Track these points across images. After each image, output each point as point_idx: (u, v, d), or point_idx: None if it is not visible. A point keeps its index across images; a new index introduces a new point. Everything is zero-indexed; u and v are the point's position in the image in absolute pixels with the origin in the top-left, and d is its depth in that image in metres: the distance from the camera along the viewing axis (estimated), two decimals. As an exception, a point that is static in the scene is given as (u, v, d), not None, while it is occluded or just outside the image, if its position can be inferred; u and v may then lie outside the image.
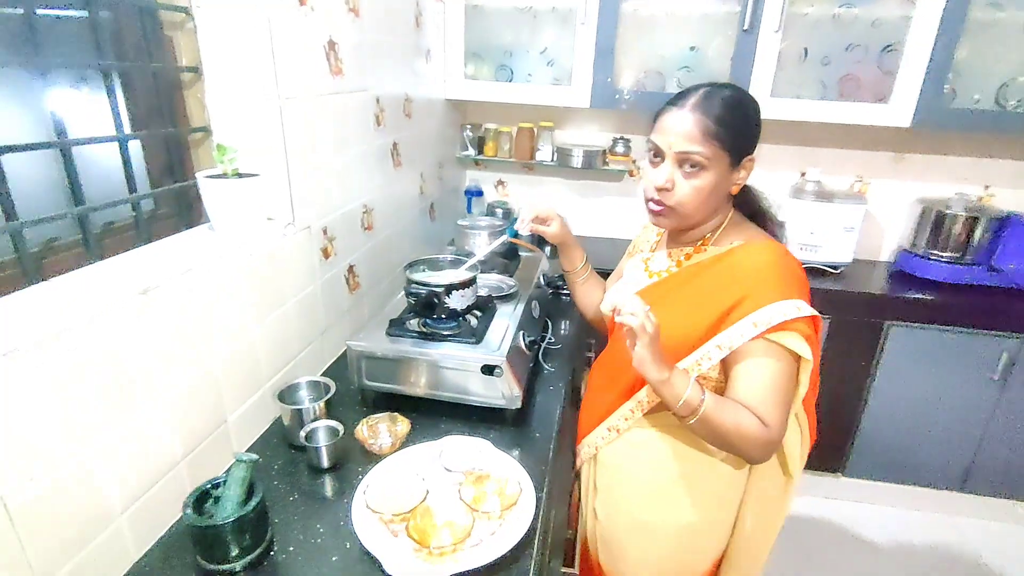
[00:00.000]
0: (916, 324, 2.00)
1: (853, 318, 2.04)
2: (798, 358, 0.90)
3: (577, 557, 1.19)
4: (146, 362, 0.82)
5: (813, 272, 2.14)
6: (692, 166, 0.92)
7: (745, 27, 1.90)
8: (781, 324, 0.87)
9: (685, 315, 0.96)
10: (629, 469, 1.10)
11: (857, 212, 2.11)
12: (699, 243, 1.02)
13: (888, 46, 1.96)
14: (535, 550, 0.87)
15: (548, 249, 2.34)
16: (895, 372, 2.07)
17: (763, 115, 0.98)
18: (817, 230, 2.12)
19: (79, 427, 0.73)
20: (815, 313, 0.90)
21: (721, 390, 0.95)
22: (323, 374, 1.32)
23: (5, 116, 0.87)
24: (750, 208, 1.05)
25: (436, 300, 1.16)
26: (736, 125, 0.92)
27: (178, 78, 1.08)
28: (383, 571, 0.81)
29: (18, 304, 0.73)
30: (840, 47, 2.00)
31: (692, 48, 2.10)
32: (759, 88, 1.97)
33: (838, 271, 2.17)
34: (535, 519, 0.91)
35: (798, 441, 1.06)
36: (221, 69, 1.06)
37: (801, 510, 2.25)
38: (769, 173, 2.30)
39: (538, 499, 0.95)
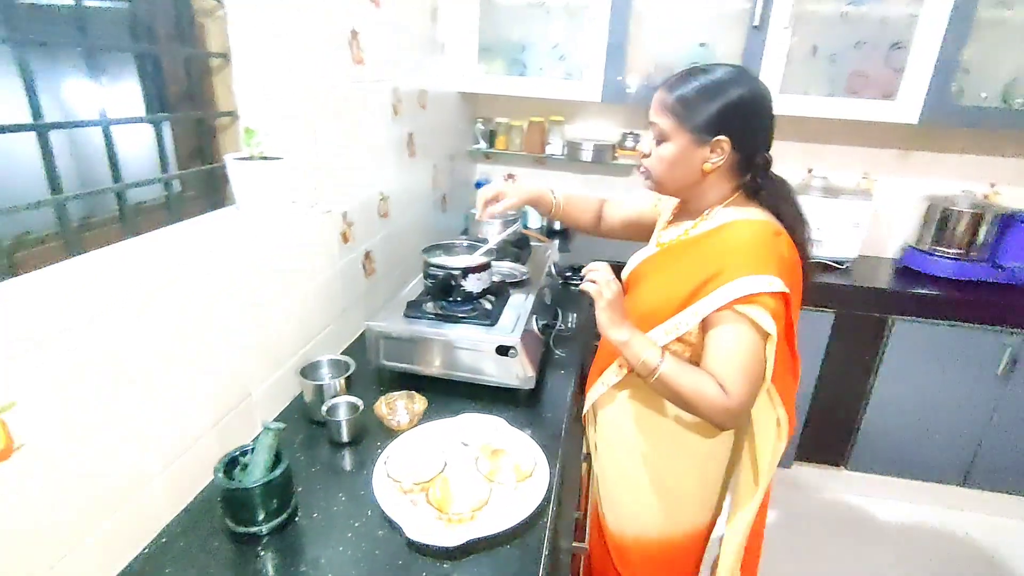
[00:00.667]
0: (920, 319, 2.03)
1: (858, 313, 2.06)
2: (768, 334, 0.92)
3: (587, 528, 1.23)
4: (180, 336, 0.86)
5: (819, 267, 2.17)
6: (659, 136, 1.01)
7: (755, 24, 1.93)
8: (748, 296, 0.91)
9: (671, 284, 1.02)
10: (619, 424, 1.16)
11: (863, 209, 2.14)
12: (699, 219, 1.06)
13: (896, 43, 1.99)
14: (549, 520, 0.91)
15: (557, 242, 2.38)
16: (899, 366, 2.10)
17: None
18: (823, 226, 2.15)
19: (123, 395, 0.76)
20: (785, 290, 0.91)
21: (699, 357, 0.99)
22: (341, 355, 1.36)
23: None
24: (774, 203, 1.04)
25: (453, 282, 1.19)
26: (696, 103, 0.95)
27: (207, 64, 1.11)
28: (403, 536, 0.85)
29: (58, 279, 0.75)
30: (849, 44, 2.03)
31: (702, 44, 2.13)
32: (768, 84, 2.00)
33: (844, 266, 2.19)
34: (549, 490, 0.95)
35: (772, 421, 1.07)
36: (249, 55, 1.09)
37: (803, 503, 2.28)
38: (776, 169, 2.32)
39: (551, 472, 0.99)
